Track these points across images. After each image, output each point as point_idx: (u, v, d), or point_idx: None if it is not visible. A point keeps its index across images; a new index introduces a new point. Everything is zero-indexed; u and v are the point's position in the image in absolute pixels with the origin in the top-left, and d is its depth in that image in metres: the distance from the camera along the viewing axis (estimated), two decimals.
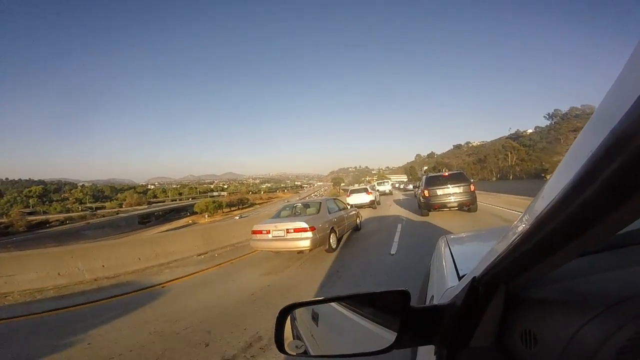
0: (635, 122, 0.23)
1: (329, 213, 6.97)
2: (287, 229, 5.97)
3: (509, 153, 67.44)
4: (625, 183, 0.26)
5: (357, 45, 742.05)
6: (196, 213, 77.39)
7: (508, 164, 66.23)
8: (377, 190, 22.02)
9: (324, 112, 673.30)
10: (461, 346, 0.58)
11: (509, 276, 0.52)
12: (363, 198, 16.04)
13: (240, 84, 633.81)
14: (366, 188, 17.38)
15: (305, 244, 5.76)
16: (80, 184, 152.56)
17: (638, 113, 0.23)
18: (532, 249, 0.41)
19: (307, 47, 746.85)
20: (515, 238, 0.43)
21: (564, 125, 71.38)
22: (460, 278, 1.00)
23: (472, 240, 2.01)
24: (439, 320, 0.62)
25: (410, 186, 39.39)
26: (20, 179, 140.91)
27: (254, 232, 6.48)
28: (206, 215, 72.00)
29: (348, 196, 16.26)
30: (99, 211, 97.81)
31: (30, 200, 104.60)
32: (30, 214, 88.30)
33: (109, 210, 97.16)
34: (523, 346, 0.50)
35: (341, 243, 7.33)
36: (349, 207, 8.93)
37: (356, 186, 25.42)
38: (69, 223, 74.80)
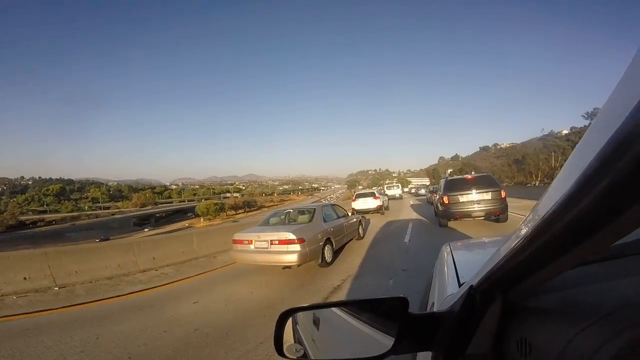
0: (633, 131, 0.22)
1: (325, 222, 5.99)
2: (271, 240, 5.04)
3: (553, 153, 57.52)
4: (623, 192, 0.25)
5: (375, 46, 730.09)
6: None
7: (551, 165, 56.11)
8: (386, 195, 21.00)
9: (344, 113, 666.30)
10: (458, 353, 0.58)
11: (506, 285, 0.52)
12: (369, 203, 14.85)
13: (263, 86, 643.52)
14: (373, 192, 16.12)
15: (292, 258, 4.82)
16: (109, 183, 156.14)
17: (635, 122, 0.22)
18: (528, 258, 0.40)
19: (328, 49, 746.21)
20: (513, 246, 0.43)
21: None
22: (460, 285, 0.99)
23: (476, 247, 1.99)
24: (437, 327, 0.62)
25: (422, 191, 35.29)
26: (50, 178, 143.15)
27: (235, 242, 5.55)
28: (202, 220, 67.42)
29: (353, 200, 15.47)
30: (98, 211, 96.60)
31: (47, 199, 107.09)
32: (41, 212, 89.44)
33: (106, 212, 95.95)
34: (518, 354, 0.50)
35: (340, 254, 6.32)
36: (350, 213, 7.87)
37: (362, 190, 24.52)
38: (55, 224, 72.91)
